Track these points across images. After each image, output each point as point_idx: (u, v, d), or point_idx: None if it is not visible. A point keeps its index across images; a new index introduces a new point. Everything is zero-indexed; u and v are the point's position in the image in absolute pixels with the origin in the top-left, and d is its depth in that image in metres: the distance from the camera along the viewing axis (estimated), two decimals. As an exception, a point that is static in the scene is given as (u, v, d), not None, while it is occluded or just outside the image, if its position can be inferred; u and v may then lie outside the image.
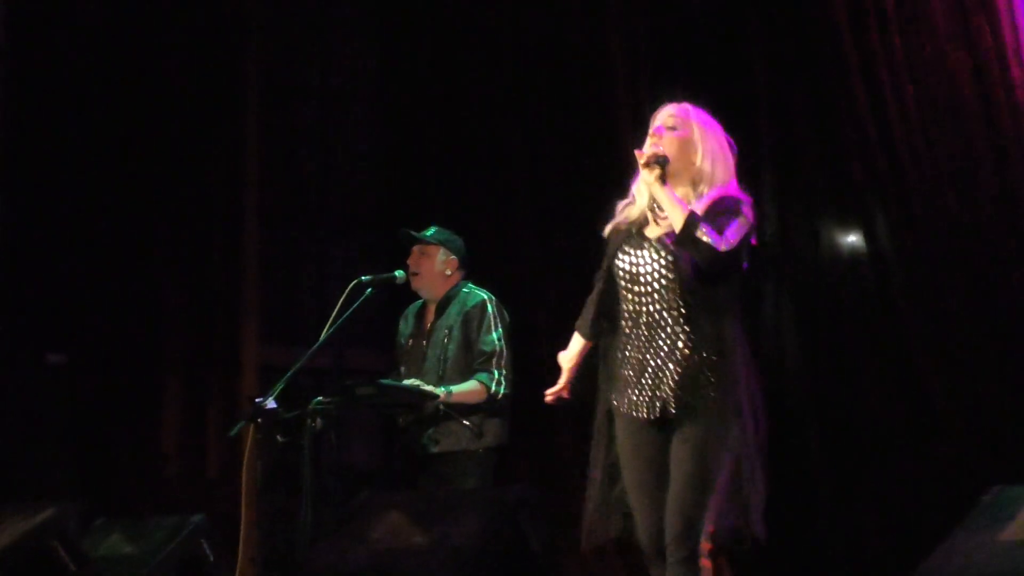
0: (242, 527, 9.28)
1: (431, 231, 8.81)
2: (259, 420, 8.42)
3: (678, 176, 6.58)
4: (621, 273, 6.64)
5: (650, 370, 6.52)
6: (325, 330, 8.45)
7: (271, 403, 8.33)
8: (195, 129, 10.80)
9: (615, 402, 6.68)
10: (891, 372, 10.64)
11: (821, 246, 10.73)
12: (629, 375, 6.62)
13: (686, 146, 6.61)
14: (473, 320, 8.61)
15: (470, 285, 8.77)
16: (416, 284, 8.74)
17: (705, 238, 6.37)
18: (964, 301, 10.13)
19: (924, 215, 10.46)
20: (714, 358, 6.45)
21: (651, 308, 6.54)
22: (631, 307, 6.60)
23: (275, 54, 11.45)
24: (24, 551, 7.06)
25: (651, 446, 6.57)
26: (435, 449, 8.53)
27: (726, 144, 6.78)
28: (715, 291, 6.49)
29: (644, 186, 6.67)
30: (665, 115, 6.77)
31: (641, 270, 6.60)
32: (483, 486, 8.38)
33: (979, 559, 5.57)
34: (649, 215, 6.69)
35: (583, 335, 6.91)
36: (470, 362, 8.53)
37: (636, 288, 6.57)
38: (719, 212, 6.50)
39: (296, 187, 11.30)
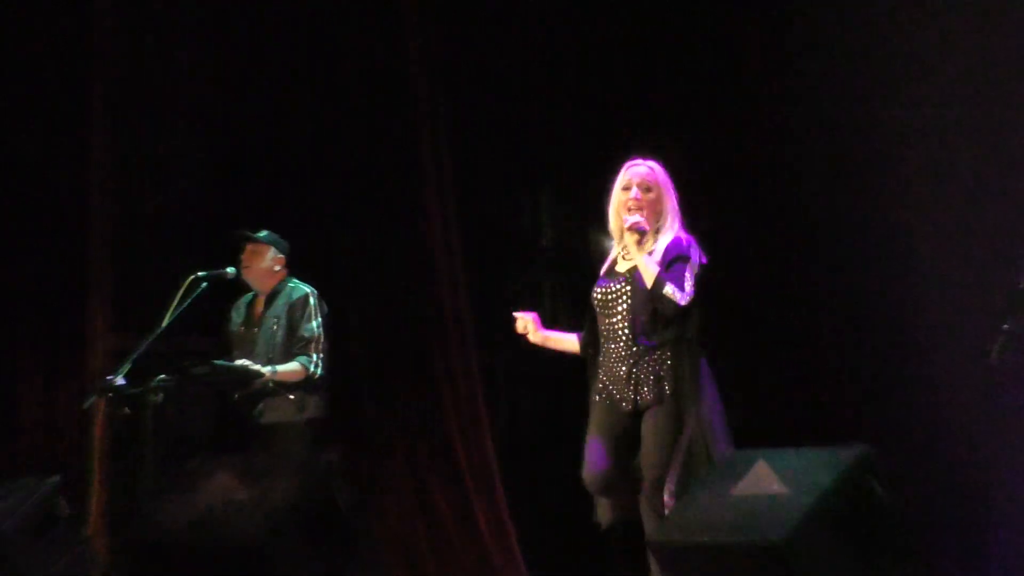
0: (93, 488, 9.50)
1: (262, 233, 9.08)
2: (109, 395, 8.71)
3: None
4: (598, 299, 7.47)
5: (623, 374, 7.33)
6: (166, 318, 8.74)
7: (120, 380, 8.59)
8: (44, 132, 10.71)
9: (597, 397, 7.46)
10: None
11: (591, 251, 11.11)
12: (613, 376, 7.40)
13: (656, 206, 7.42)
14: (296, 310, 8.92)
15: (294, 280, 9.08)
16: (248, 277, 9.04)
17: (669, 294, 7.20)
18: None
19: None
20: (669, 362, 7.29)
21: (621, 326, 7.40)
22: (605, 326, 7.45)
23: (119, 63, 10.93)
24: None
25: (622, 426, 7.34)
26: (263, 420, 8.82)
27: (675, 196, 7.56)
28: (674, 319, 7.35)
29: (615, 228, 7.51)
30: (640, 177, 7.54)
31: (610, 297, 7.46)
32: (301, 452, 8.66)
33: (714, 510, 5.75)
34: (619, 252, 7.53)
35: (580, 346, 7.67)
36: (292, 346, 8.84)
37: (607, 311, 7.44)
38: (674, 259, 7.37)
39: (139, 192, 10.86)
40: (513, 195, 12.20)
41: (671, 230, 7.47)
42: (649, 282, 7.26)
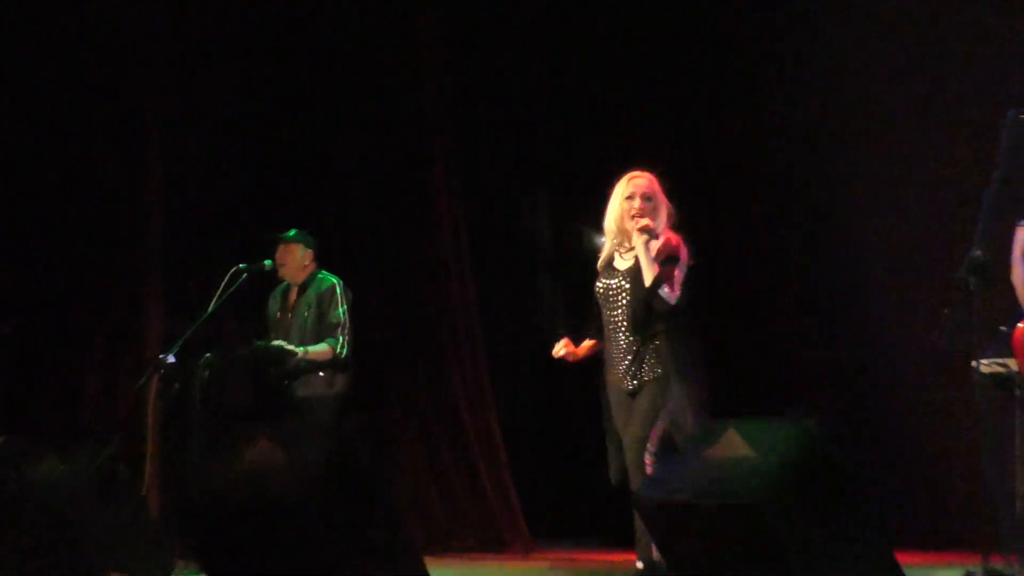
0: (148, 453, 9.58)
1: (292, 233, 9.25)
2: (161, 371, 8.83)
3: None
4: (600, 293, 7.72)
5: (625, 359, 7.60)
6: (212, 304, 8.91)
7: (171, 358, 8.76)
8: (104, 154, 10.79)
9: (609, 379, 7.69)
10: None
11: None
12: (615, 361, 7.65)
13: (654, 213, 7.64)
14: (325, 299, 9.07)
15: (323, 272, 9.24)
16: (282, 272, 9.19)
17: (664, 295, 7.47)
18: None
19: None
20: (662, 348, 7.55)
21: (619, 318, 7.65)
22: (607, 318, 7.69)
23: (171, 85, 10.97)
24: None
25: (627, 404, 7.58)
26: (298, 394, 9.01)
27: (667, 204, 7.76)
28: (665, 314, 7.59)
29: (616, 230, 7.72)
30: (642, 188, 7.71)
31: (611, 292, 7.70)
32: (330, 422, 8.82)
33: (691, 471, 5.74)
34: (617, 252, 7.75)
35: (592, 337, 7.88)
36: (322, 330, 9.00)
37: (609, 304, 7.68)
38: (666, 259, 7.57)
39: (187, 194, 10.93)
40: (514, 202, 12.34)
41: (663, 234, 7.69)
42: (648, 281, 7.51)
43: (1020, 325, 6.70)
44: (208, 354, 9.02)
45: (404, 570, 5.96)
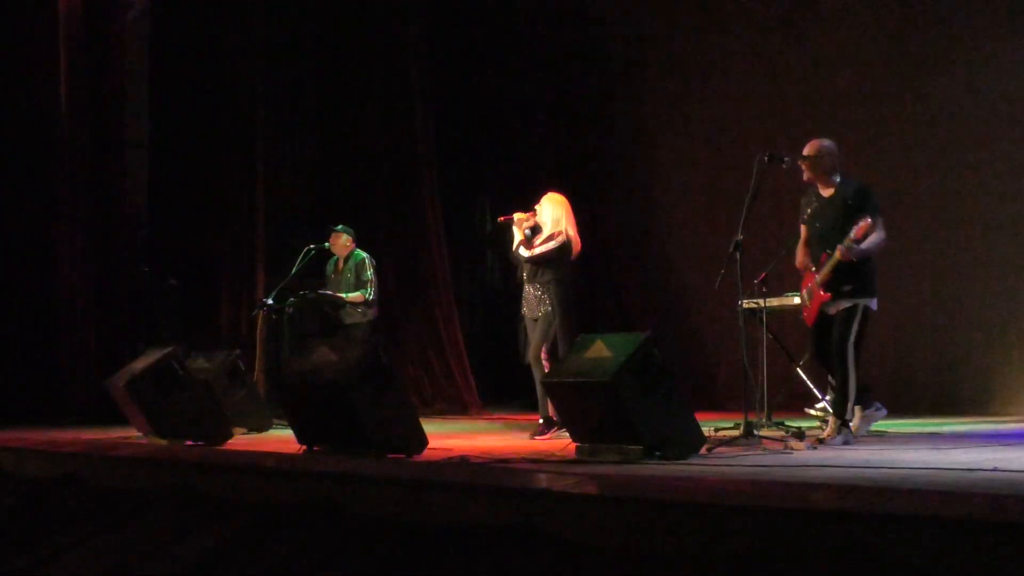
0: (257, 356, 9.60)
1: (339, 226, 8.92)
2: (265, 308, 9.01)
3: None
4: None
5: (530, 299, 7.31)
6: (294, 267, 8.84)
7: (270, 300, 8.88)
8: (222, 159, 10.33)
9: (524, 310, 7.37)
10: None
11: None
12: (524, 301, 7.38)
13: (542, 216, 7.27)
14: (360, 266, 8.81)
15: (358, 250, 8.94)
16: (334, 250, 8.92)
17: (521, 252, 7.22)
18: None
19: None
20: (550, 288, 7.23)
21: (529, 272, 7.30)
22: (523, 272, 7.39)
23: (272, 96, 10.58)
24: (156, 369, 7.02)
25: (531, 327, 7.28)
26: (347, 321, 8.76)
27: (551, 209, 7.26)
28: (547, 265, 7.24)
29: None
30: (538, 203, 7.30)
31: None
32: (365, 336, 8.68)
33: (575, 365, 5.49)
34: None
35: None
36: (358, 285, 8.78)
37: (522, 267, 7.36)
38: (546, 238, 7.22)
39: (280, 202, 10.93)
40: (476, 200, 12.13)
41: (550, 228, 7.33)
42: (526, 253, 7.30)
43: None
44: (291, 299, 8.91)
45: (408, 424, 5.86)
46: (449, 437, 6.92)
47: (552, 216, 7.37)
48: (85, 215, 9.75)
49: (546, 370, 7.04)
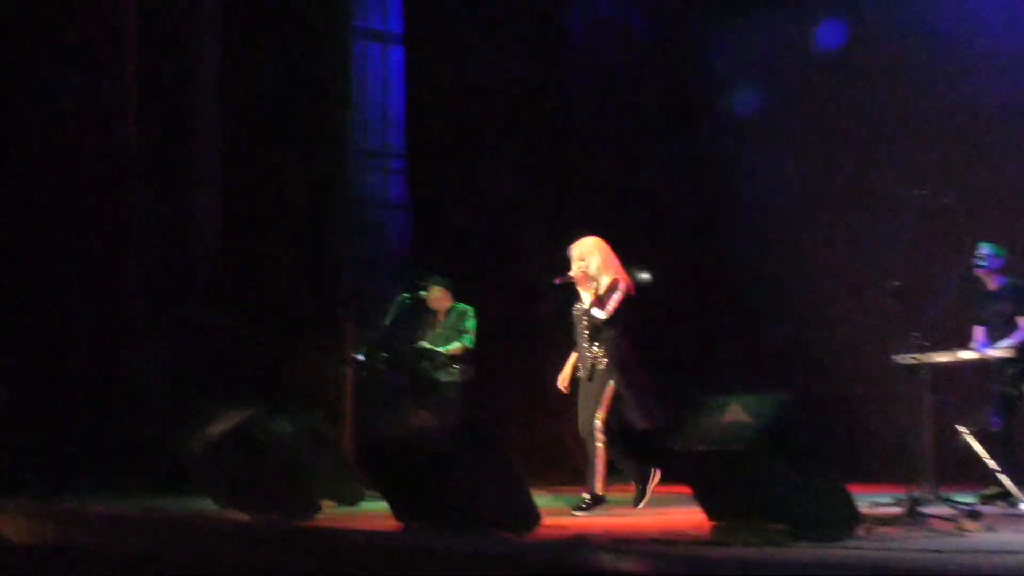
0: (346, 418, 9.74)
1: (435, 278, 9.06)
2: (354, 365, 9.21)
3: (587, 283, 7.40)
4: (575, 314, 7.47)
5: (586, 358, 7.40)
6: (387, 320, 8.98)
7: (360, 356, 9.10)
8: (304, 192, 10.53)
9: (579, 375, 7.48)
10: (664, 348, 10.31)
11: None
12: (580, 362, 7.49)
13: (589, 266, 7.40)
14: (464, 315, 8.95)
15: (459, 303, 9.06)
16: (431, 305, 9.08)
17: (595, 314, 7.32)
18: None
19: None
20: (602, 351, 7.35)
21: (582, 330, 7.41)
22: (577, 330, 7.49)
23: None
24: (235, 434, 7.19)
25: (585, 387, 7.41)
26: (442, 379, 8.83)
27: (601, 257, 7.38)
28: (608, 320, 7.36)
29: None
30: (574, 252, 7.46)
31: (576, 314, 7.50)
32: (462, 396, 8.73)
33: (709, 432, 5.58)
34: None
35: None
36: (457, 337, 8.87)
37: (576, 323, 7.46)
38: (608, 290, 7.33)
39: (371, 250, 10.89)
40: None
41: (604, 276, 7.43)
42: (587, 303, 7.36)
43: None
44: (384, 353, 9.06)
45: (518, 496, 5.95)
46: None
47: (601, 262, 7.52)
48: (152, 255, 10.01)
49: (599, 441, 7.20)
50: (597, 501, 7.25)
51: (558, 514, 6.98)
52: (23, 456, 9.26)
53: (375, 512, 7.01)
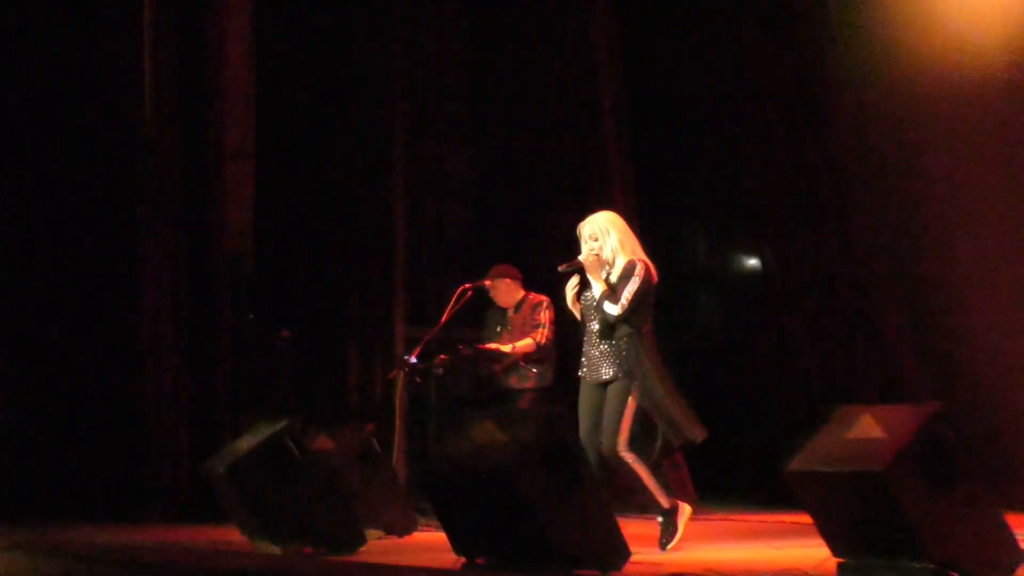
0: (396, 433, 9.30)
1: (504, 269, 8.81)
2: (406, 369, 8.89)
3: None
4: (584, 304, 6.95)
5: (594, 357, 6.90)
6: (444, 315, 8.62)
7: (413, 359, 8.79)
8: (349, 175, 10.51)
9: (581, 373, 6.99)
10: (778, 351, 10.56)
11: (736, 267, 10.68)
12: (586, 360, 6.96)
13: (603, 248, 6.80)
14: (538, 306, 8.63)
15: (532, 294, 8.73)
16: (499, 301, 8.78)
17: (607, 308, 6.73)
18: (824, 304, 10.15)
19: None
20: (622, 352, 6.75)
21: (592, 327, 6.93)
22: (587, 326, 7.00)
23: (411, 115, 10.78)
24: (265, 450, 6.91)
25: (595, 395, 6.92)
26: (516, 385, 8.63)
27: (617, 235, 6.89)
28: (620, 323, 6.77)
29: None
30: (583, 231, 6.91)
31: (586, 304, 6.95)
32: (536, 407, 8.44)
33: (834, 449, 5.43)
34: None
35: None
36: (528, 331, 8.59)
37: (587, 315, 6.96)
38: (621, 278, 6.75)
39: (425, 232, 11.00)
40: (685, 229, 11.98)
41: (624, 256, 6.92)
42: (598, 295, 6.85)
43: None
44: (442, 355, 8.81)
45: (603, 527, 5.74)
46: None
47: (617, 242, 6.94)
48: (174, 246, 9.95)
49: (629, 461, 6.78)
50: (672, 513, 6.82)
51: (644, 540, 6.70)
52: (21, 482, 9.35)
53: (431, 544, 7.03)
